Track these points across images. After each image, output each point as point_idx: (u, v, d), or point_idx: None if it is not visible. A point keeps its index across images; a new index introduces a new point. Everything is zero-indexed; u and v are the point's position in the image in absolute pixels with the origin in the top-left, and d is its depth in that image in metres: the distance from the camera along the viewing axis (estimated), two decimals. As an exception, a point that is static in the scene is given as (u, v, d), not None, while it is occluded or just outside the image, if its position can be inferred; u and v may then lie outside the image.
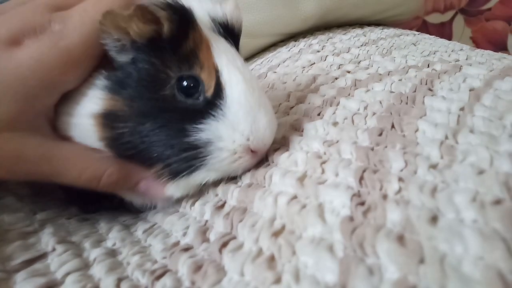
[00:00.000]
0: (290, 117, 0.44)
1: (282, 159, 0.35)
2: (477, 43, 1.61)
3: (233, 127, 0.31)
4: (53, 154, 0.31)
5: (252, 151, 0.33)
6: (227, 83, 0.32)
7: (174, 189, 0.34)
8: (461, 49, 0.68)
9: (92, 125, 0.31)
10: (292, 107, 0.48)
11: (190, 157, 0.31)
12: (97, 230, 0.37)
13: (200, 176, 0.33)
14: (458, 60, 0.58)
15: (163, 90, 0.31)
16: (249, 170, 0.35)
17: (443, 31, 1.62)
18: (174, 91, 0.31)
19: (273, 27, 0.86)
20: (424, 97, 0.41)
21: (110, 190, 0.34)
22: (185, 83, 0.31)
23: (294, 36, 0.94)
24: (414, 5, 1.03)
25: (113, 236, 0.35)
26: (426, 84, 0.45)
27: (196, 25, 0.33)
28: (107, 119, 0.31)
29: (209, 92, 0.32)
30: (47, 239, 0.33)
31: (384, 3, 0.95)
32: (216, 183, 0.36)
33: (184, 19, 0.32)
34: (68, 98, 0.32)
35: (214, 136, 0.31)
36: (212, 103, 0.32)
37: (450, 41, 0.80)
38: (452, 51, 0.66)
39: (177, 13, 0.31)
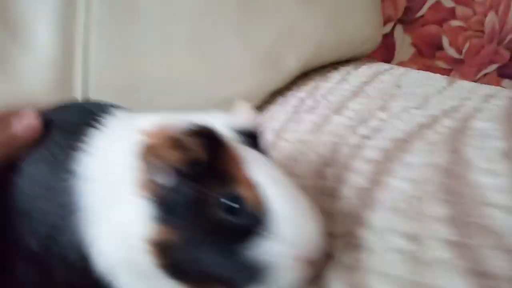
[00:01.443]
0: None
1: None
2: (418, 48, 1.76)
3: (283, 241, 0.31)
4: None
5: (306, 261, 0.32)
6: (269, 197, 0.32)
7: None
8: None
9: (146, 250, 0.31)
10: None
11: (248, 278, 0.31)
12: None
13: None
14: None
15: (207, 212, 0.31)
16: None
17: (387, 41, 1.75)
18: (218, 212, 0.31)
19: (258, 92, 0.89)
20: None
21: None
22: (226, 202, 0.31)
23: (279, 91, 0.97)
24: (377, 38, 1.11)
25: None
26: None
27: (224, 142, 0.34)
28: (162, 247, 0.31)
29: (252, 208, 0.32)
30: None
31: (356, 41, 1.01)
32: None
33: (213, 140, 0.33)
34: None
35: (266, 254, 0.31)
36: (257, 219, 0.31)
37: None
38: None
39: (206, 136, 0.32)
